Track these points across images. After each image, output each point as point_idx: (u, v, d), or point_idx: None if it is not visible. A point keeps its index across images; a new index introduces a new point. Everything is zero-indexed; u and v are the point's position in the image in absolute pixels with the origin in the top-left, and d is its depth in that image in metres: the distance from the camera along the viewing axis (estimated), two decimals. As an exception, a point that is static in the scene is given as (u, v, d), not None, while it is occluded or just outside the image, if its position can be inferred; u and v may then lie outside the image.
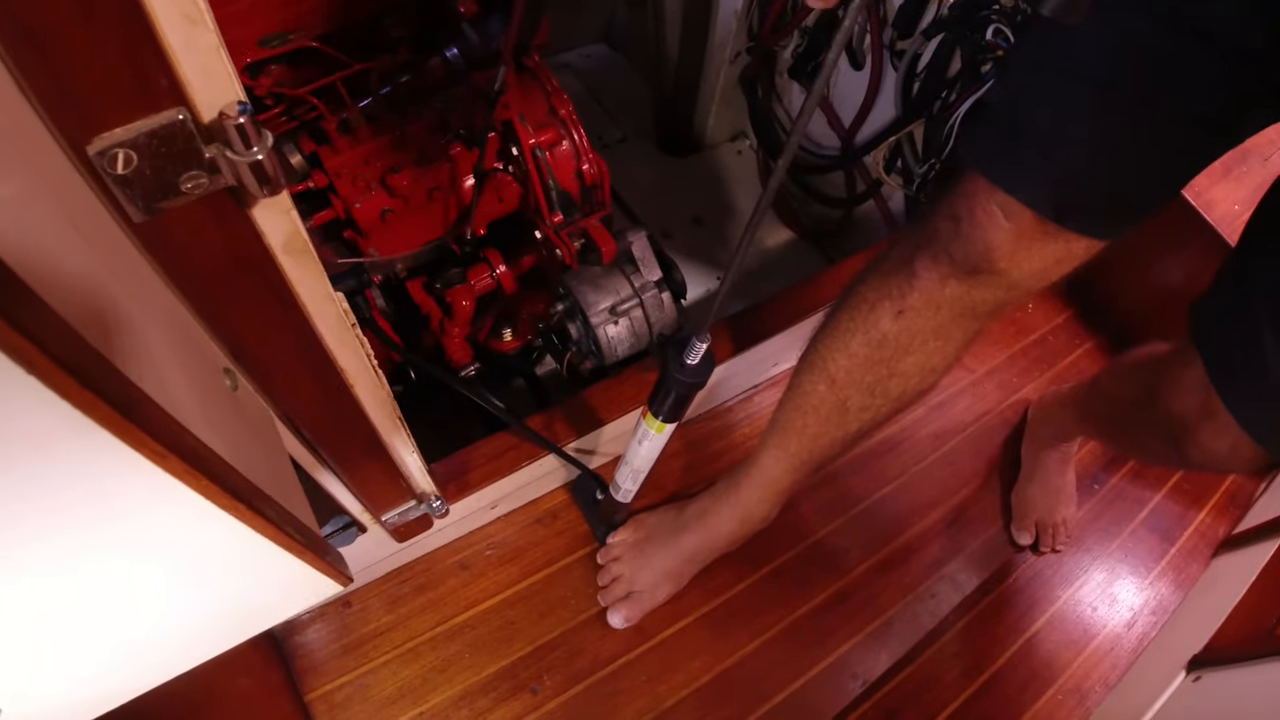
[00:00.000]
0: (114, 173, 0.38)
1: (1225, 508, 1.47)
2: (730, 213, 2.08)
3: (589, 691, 1.16)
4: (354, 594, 1.20)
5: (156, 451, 0.35)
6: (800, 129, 0.59)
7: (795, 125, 0.60)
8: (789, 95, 1.90)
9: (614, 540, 1.24)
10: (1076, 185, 0.71)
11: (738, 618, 1.25)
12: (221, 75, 0.40)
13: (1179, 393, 0.90)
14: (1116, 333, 1.66)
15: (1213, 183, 1.48)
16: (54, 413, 0.31)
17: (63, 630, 0.45)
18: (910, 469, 1.44)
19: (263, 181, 0.42)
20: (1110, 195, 0.72)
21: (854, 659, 1.24)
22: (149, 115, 0.38)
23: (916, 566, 1.34)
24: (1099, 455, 1.50)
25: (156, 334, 0.45)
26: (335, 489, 0.89)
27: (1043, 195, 0.71)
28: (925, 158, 1.50)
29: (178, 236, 0.45)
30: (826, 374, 0.93)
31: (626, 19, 2.25)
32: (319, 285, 0.56)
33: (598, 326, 1.19)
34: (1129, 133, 0.69)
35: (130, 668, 0.53)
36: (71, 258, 0.38)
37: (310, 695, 1.12)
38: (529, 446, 1.18)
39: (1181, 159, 0.72)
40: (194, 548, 0.45)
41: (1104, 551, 1.40)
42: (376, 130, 1.16)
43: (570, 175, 1.25)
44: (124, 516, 0.39)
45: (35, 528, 0.37)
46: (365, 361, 0.68)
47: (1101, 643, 1.30)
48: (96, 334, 0.35)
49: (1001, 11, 1.24)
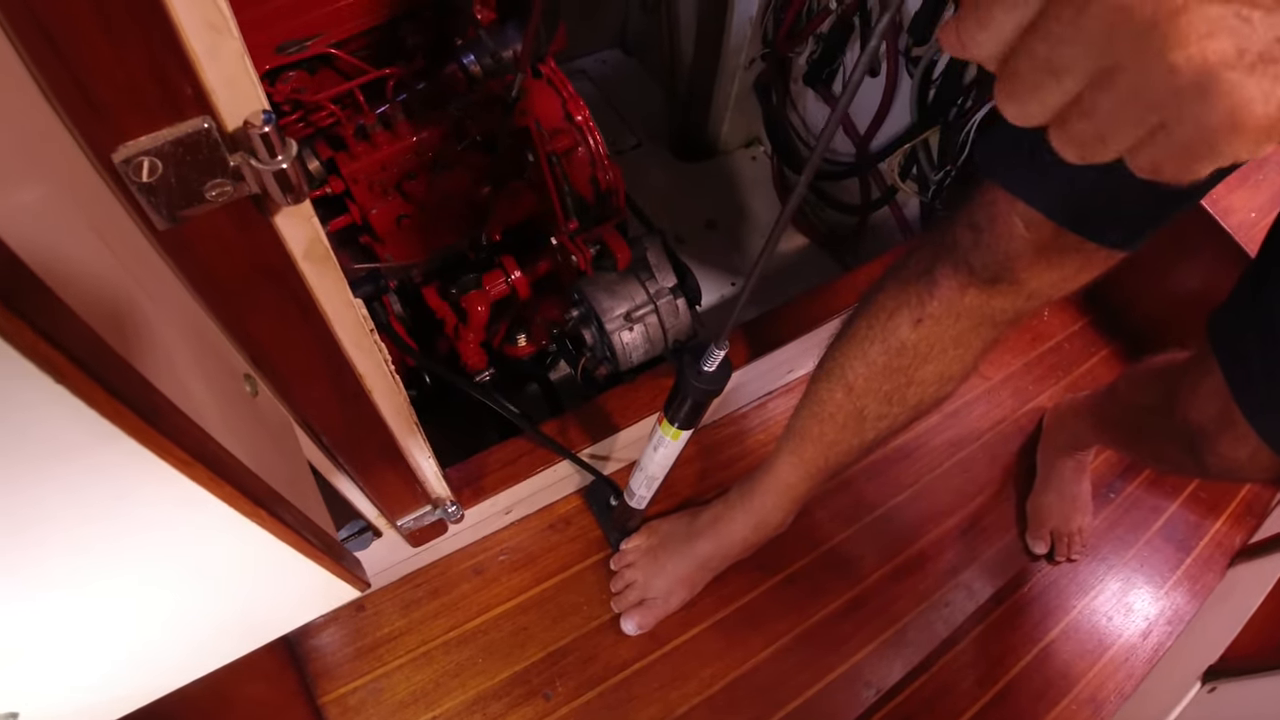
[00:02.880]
0: (139, 181, 0.39)
1: (1242, 517, 1.46)
2: (744, 218, 2.08)
3: (602, 698, 1.16)
4: (368, 598, 1.20)
5: (181, 459, 0.36)
6: (822, 148, 0.59)
7: (817, 146, 0.59)
8: (804, 102, 1.90)
9: (628, 546, 1.24)
10: (1096, 194, 0.70)
11: (751, 625, 1.24)
12: (246, 83, 0.40)
13: (1197, 401, 0.90)
14: (1132, 340, 1.65)
15: (1230, 190, 1.47)
16: (81, 421, 0.31)
17: (82, 635, 0.45)
18: (925, 476, 1.43)
19: (286, 190, 0.42)
20: (1130, 204, 0.72)
21: (868, 667, 1.24)
22: (174, 124, 0.38)
23: (931, 574, 1.33)
24: (1114, 463, 1.49)
25: (179, 341, 0.45)
26: (351, 494, 0.89)
27: (1062, 205, 0.70)
28: (940, 164, 1.49)
29: (201, 244, 0.45)
30: (844, 381, 0.93)
31: (641, 25, 2.25)
32: (339, 291, 0.56)
33: (613, 333, 1.19)
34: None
35: (147, 672, 0.53)
36: (96, 265, 0.38)
37: (324, 699, 1.12)
38: (543, 452, 1.18)
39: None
40: (215, 554, 0.45)
41: (1119, 560, 1.39)
42: (393, 137, 1.16)
43: (586, 181, 1.25)
44: (147, 523, 0.39)
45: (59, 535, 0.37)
46: (383, 367, 0.68)
47: (1117, 652, 1.30)
48: (121, 341, 0.35)
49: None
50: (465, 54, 1.15)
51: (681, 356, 0.84)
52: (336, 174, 1.15)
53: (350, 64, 1.10)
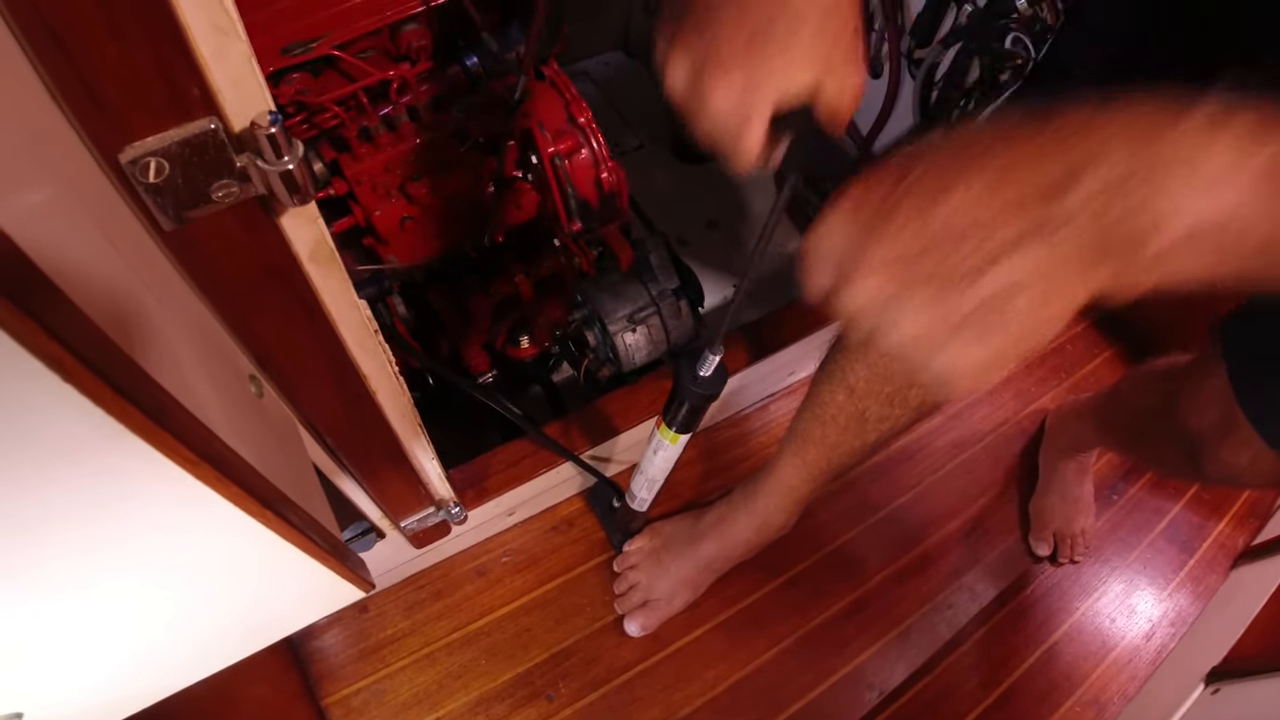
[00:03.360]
0: (146, 181, 0.39)
1: (1245, 518, 1.45)
2: (745, 218, 2.07)
3: (604, 699, 1.16)
4: (371, 600, 1.20)
5: (188, 459, 0.36)
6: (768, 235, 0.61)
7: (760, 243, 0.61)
8: (806, 103, 1.90)
9: (631, 548, 1.24)
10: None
11: (754, 626, 1.24)
12: (252, 84, 0.40)
13: (1199, 405, 0.90)
14: (1135, 342, 1.65)
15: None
16: (88, 420, 0.31)
17: (86, 636, 0.45)
18: (928, 478, 1.43)
19: (292, 190, 0.42)
20: None
21: (871, 669, 1.23)
22: (181, 124, 0.38)
23: (934, 576, 1.33)
24: (1117, 465, 1.49)
25: (184, 341, 0.45)
26: (355, 495, 0.89)
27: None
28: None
29: (207, 244, 0.45)
30: (846, 384, 0.93)
31: (644, 27, 2.25)
32: (344, 293, 0.56)
33: (616, 334, 1.19)
34: None
35: (151, 673, 0.53)
36: (103, 264, 0.38)
37: (327, 700, 1.12)
38: (547, 454, 1.18)
39: None
40: (220, 554, 0.45)
41: (1122, 562, 1.39)
42: (397, 138, 1.16)
43: (589, 183, 1.25)
44: (153, 523, 0.40)
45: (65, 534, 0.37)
46: (387, 368, 0.68)
47: (1120, 654, 1.29)
48: (128, 341, 0.35)
49: (1020, 20, 1.23)
50: (468, 55, 1.16)
51: (678, 361, 0.84)
52: (340, 176, 1.15)
53: (354, 66, 1.10)
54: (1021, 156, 0.35)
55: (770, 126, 0.48)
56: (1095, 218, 0.34)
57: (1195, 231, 0.33)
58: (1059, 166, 0.34)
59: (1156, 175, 0.32)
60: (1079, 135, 0.33)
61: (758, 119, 0.47)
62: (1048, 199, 0.34)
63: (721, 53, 0.45)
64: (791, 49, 0.45)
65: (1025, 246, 0.35)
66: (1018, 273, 0.35)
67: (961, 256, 0.36)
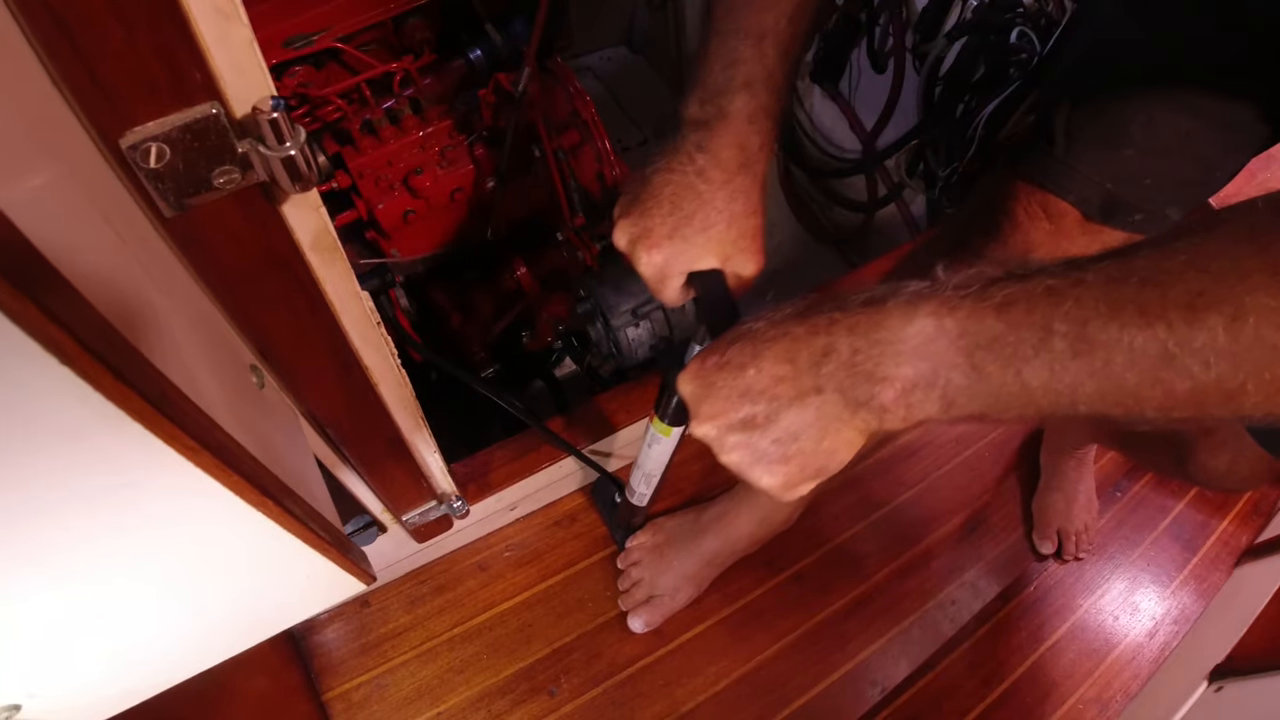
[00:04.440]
0: (146, 166, 0.38)
1: (1248, 516, 1.45)
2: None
3: (607, 694, 1.16)
4: (372, 594, 1.20)
5: (188, 446, 0.35)
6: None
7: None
8: (810, 98, 1.90)
9: (634, 544, 1.24)
10: (1128, 185, 0.73)
11: (757, 622, 1.24)
12: (254, 70, 0.40)
13: None
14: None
15: (1237, 188, 1.45)
16: (87, 405, 0.31)
17: (84, 627, 0.45)
18: (931, 474, 1.43)
19: (295, 177, 0.42)
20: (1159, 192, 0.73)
21: (873, 665, 1.23)
22: (182, 109, 0.38)
23: (937, 573, 1.32)
24: (1121, 463, 1.49)
25: (186, 329, 0.45)
26: (357, 488, 0.89)
27: (1093, 197, 0.74)
28: (948, 161, 1.49)
29: (208, 232, 0.45)
30: None
31: (647, 22, 2.25)
32: (346, 283, 0.56)
33: (619, 329, 1.19)
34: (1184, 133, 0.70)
35: (150, 665, 0.53)
36: (103, 250, 0.38)
37: (328, 695, 1.12)
38: (549, 449, 1.18)
39: (1231, 154, 0.73)
40: (221, 544, 0.45)
41: (1126, 560, 1.38)
42: (400, 131, 1.16)
43: (592, 177, 1.25)
44: (153, 511, 0.39)
45: (62, 519, 0.37)
46: (390, 361, 0.68)
47: (1123, 652, 1.29)
48: (128, 326, 0.35)
49: (1025, 15, 1.23)
50: (472, 49, 1.15)
51: (665, 354, 0.84)
52: (343, 169, 1.15)
53: (357, 59, 1.09)
54: (792, 345, 0.49)
55: (688, 281, 0.66)
56: (839, 386, 0.47)
57: (909, 390, 0.45)
58: (815, 352, 0.47)
59: (874, 352, 0.45)
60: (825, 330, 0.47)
61: (673, 280, 0.65)
62: (810, 373, 0.48)
63: (652, 234, 0.63)
64: (707, 238, 0.64)
65: (798, 404, 0.49)
66: (795, 423, 0.49)
67: (758, 410, 0.50)
